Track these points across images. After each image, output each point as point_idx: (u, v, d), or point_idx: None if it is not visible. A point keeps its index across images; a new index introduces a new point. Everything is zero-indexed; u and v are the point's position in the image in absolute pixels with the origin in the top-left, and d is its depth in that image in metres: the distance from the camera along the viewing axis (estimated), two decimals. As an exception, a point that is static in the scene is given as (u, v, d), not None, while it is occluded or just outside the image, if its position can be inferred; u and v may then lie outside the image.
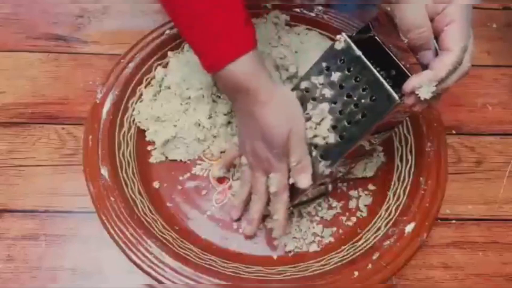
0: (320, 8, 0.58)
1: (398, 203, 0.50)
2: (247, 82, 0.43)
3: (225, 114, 0.55)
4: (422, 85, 0.38)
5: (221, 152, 0.55)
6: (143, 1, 0.67)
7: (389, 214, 0.49)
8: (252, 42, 0.43)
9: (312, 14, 0.58)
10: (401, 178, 0.51)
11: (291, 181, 0.46)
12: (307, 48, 0.55)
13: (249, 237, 0.50)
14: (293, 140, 0.45)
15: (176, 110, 0.54)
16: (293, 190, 0.48)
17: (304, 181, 0.46)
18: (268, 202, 0.49)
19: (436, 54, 0.39)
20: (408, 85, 0.39)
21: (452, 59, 0.38)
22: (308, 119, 0.45)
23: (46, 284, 0.50)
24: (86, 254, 0.51)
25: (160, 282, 0.43)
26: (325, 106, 0.44)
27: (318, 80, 0.45)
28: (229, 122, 0.55)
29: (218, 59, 0.43)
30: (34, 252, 0.51)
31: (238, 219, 0.51)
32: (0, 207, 0.53)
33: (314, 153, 0.46)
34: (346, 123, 0.43)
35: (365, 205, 0.52)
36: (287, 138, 0.45)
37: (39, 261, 0.51)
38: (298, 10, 0.57)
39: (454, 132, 0.61)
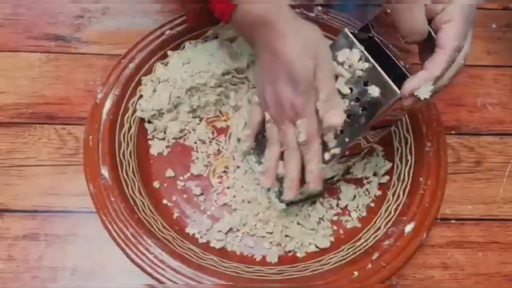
0: (320, 8, 0.58)
1: (397, 203, 0.50)
2: (266, 13, 0.41)
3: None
4: (419, 86, 0.38)
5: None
6: (143, 1, 0.67)
7: (389, 214, 0.49)
8: None
9: (312, 14, 0.57)
10: (401, 178, 0.51)
11: (323, 124, 0.42)
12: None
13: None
14: (320, 76, 0.41)
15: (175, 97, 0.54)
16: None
17: (336, 117, 0.41)
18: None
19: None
20: (406, 88, 0.39)
21: (444, 58, 0.38)
22: None
23: (46, 284, 0.50)
24: (86, 254, 0.51)
25: (160, 282, 0.43)
26: None
27: None
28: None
29: None
30: (34, 252, 0.51)
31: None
32: (0, 207, 0.53)
33: None
34: (346, 118, 0.43)
35: (365, 205, 0.52)
36: (313, 73, 0.41)
37: (39, 261, 0.51)
38: (298, 10, 0.57)
39: (453, 132, 0.61)
